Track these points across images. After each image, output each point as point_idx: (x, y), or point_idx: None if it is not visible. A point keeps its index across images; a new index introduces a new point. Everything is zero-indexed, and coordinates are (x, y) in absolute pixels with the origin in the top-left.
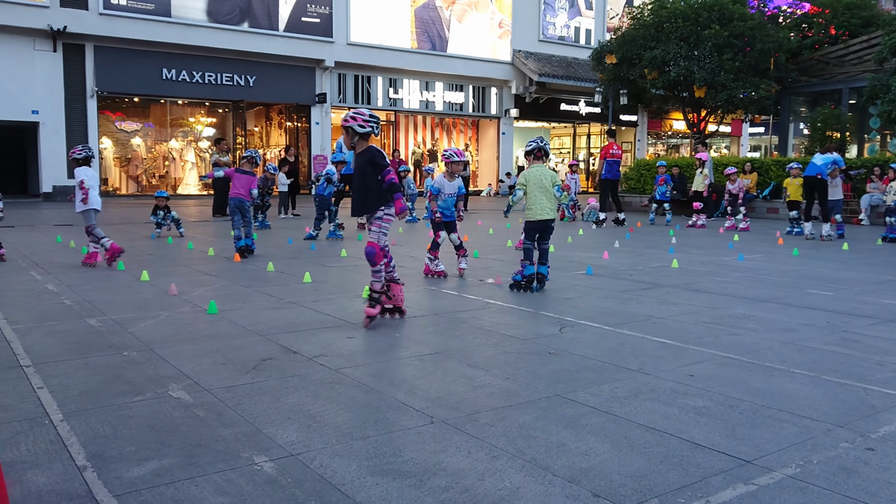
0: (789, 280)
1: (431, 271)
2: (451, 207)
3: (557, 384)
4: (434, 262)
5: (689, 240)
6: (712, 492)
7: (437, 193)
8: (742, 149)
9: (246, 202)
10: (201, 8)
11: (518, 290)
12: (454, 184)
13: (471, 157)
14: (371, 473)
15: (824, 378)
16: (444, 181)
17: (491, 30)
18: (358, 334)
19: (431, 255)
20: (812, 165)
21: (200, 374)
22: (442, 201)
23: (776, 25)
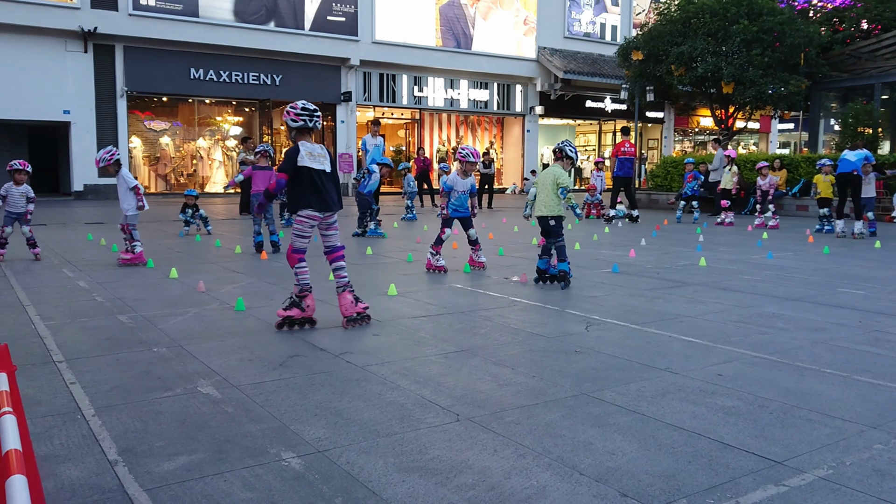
0: (820, 278)
1: (433, 266)
2: (465, 204)
3: (584, 383)
4: (435, 258)
5: (716, 238)
6: (742, 492)
7: (449, 190)
8: (771, 145)
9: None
10: (228, 8)
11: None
12: (467, 182)
13: (495, 155)
14: (397, 470)
15: (856, 378)
16: (458, 179)
17: (516, 27)
18: (384, 332)
19: (433, 251)
20: (845, 162)
21: (228, 370)
22: (455, 199)
23: (806, 20)
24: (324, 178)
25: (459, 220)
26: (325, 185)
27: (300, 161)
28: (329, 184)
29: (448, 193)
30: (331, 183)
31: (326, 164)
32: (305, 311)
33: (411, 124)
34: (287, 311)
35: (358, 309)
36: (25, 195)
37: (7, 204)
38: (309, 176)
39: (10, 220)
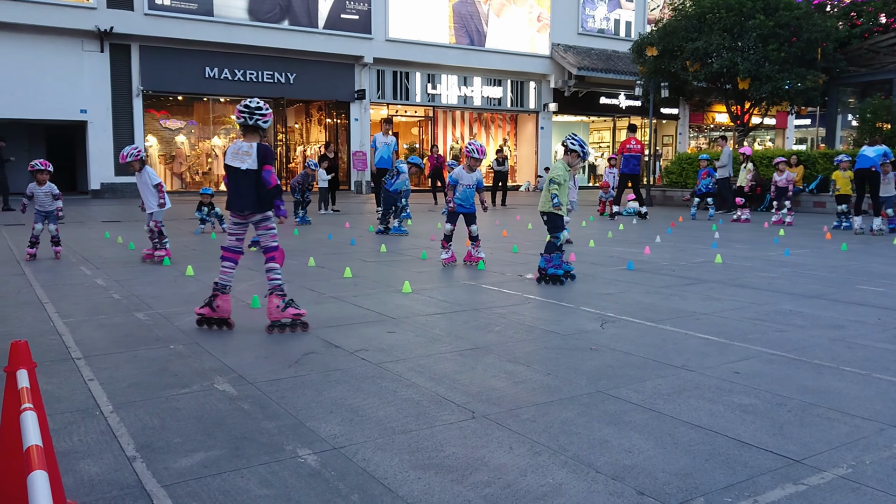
0: (838, 276)
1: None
2: (470, 199)
3: (599, 380)
4: (445, 251)
5: (732, 235)
6: (760, 491)
7: (454, 184)
8: (787, 141)
9: None
10: (243, 7)
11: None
12: (472, 176)
13: (509, 153)
14: (413, 468)
15: (876, 376)
16: (463, 172)
17: (529, 24)
18: (399, 329)
19: (443, 246)
20: (864, 158)
21: (244, 367)
22: (460, 193)
23: (823, 14)
24: (239, 176)
25: (463, 215)
26: (238, 183)
27: (225, 160)
28: (244, 182)
29: (454, 187)
30: (247, 181)
31: (249, 161)
32: (216, 311)
33: (425, 122)
34: (200, 309)
35: (287, 315)
36: (51, 193)
37: (35, 203)
38: (230, 174)
39: (41, 218)
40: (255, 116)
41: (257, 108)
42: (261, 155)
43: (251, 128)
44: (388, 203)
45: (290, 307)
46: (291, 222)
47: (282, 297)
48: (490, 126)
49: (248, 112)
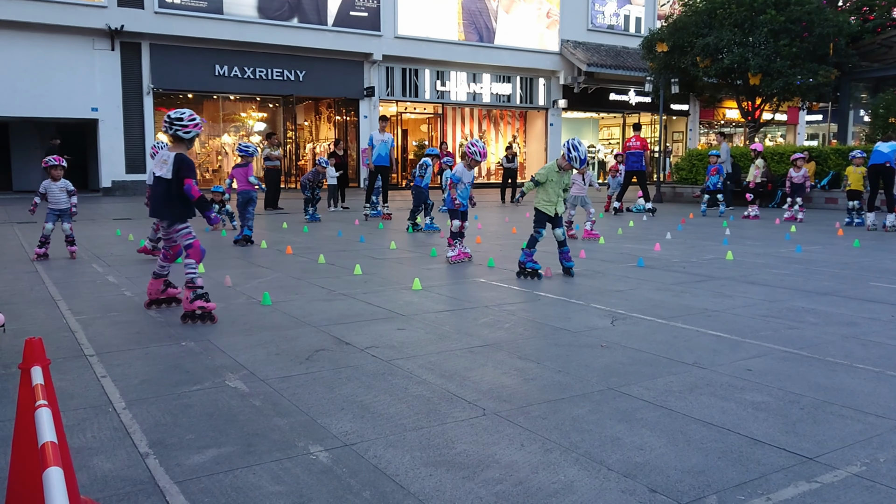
0: (851, 272)
1: (463, 254)
2: (467, 197)
3: (610, 377)
4: (461, 247)
5: (743, 231)
6: (773, 489)
7: (457, 182)
8: (799, 137)
9: (252, 193)
10: (252, 4)
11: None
12: (471, 174)
13: (518, 150)
14: (424, 464)
15: (889, 374)
16: (464, 170)
17: (538, 20)
18: (409, 326)
19: (451, 243)
20: (878, 153)
21: (256, 364)
22: (461, 190)
23: (835, 9)
24: (154, 184)
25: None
26: (154, 189)
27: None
28: (157, 189)
29: (455, 185)
30: (160, 188)
31: (164, 170)
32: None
33: (434, 119)
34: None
35: (193, 307)
36: (65, 189)
37: (49, 201)
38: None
39: (54, 217)
40: (174, 127)
41: (178, 118)
42: (176, 166)
43: (174, 137)
44: (419, 200)
45: (199, 300)
46: (302, 219)
47: (192, 290)
48: (499, 123)
49: (168, 122)
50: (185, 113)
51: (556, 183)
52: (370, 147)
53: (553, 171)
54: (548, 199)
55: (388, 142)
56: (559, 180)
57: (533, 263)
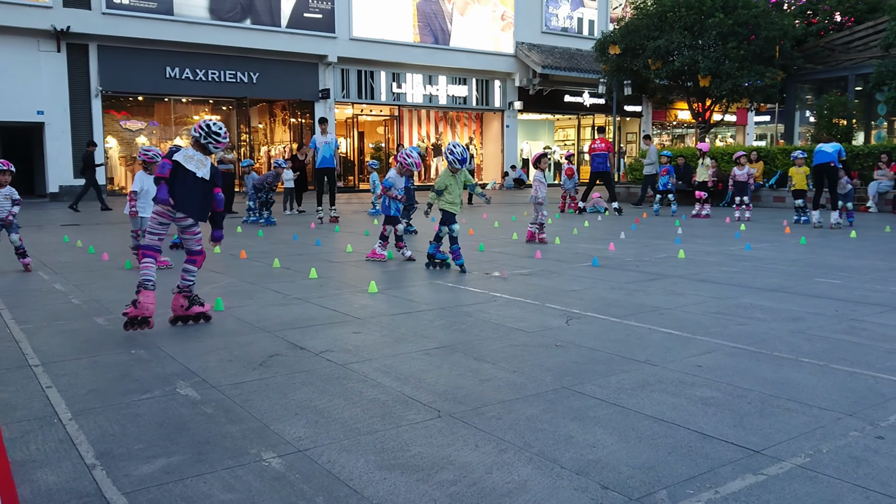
0: (797, 269)
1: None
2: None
3: (564, 376)
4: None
5: (694, 230)
6: (721, 482)
7: (389, 187)
8: (748, 138)
9: None
10: (203, 5)
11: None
12: (403, 179)
13: (475, 151)
14: (379, 468)
15: (833, 367)
16: (397, 176)
17: (493, 22)
18: (364, 329)
19: (398, 248)
20: (822, 153)
21: (208, 371)
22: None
23: (781, 13)
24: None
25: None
26: (192, 187)
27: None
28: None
29: (389, 189)
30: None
31: (204, 171)
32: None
33: (390, 121)
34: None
35: (191, 312)
36: (10, 197)
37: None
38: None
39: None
40: (210, 139)
41: (216, 133)
42: (213, 174)
43: (202, 146)
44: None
45: (194, 305)
46: (257, 224)
47: (188, 298)
48: (456, 125)
49: (204, 131)
50: (223, 130)
51: (455, 185)
52: (313, 150)
53: (448, 177)
54: (451, 200)
55: (331, 143)
56: (456, 182)
57: (442, 254)
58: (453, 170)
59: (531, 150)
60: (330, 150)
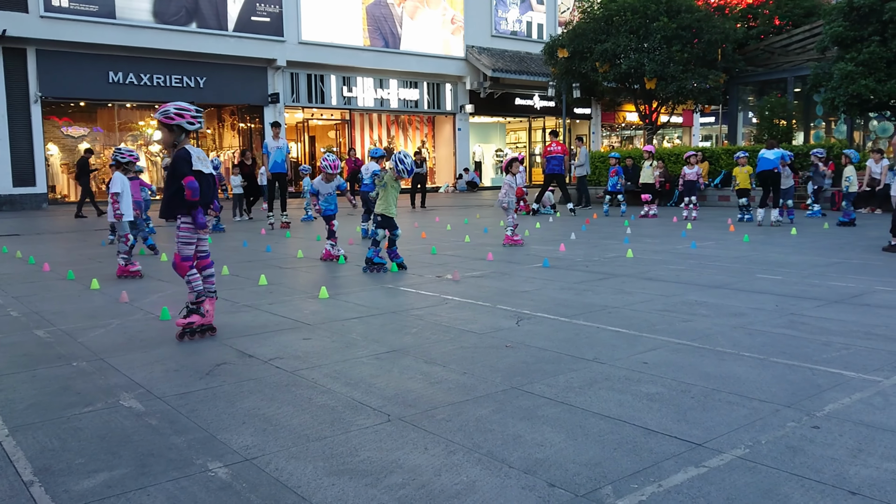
0: (740, 266)
1: (331, 255)
2: (332, 203)
3: (514, 377)
4: (334, 248)
5: (643, 230)
6: (664, 476)
7: (314, 193)
8: (694, 138)
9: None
10: (147, 9)
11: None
12: (331, 185)
13: (427, 154)
14: (327, 474)
15: (772, 360)
16: (322, 183)
17: (443, 26)
18: (315, 335)
19: (332, 242)
20: (765, 161)
21: (153, 381)
22: (322, 200)
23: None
24: (209, 180)
25: (324, 217)
26: (209, 188)
27: (194, 165)
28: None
29: (315, 194)
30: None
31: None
32: (205, 316)
33: (341, 125)
34: (187, 319)
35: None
36: None
37: None
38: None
39: None
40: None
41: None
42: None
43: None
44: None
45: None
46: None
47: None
48: (408, 128)
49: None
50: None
51: (395, 189)
52: (266, 155)
53: (391, 179)
54: (389, 202)
55: (283, 148)
56: (396, 187)
57: (381, 259)
58: (398, 177)
59: (483, 152)
60: (282, 155)
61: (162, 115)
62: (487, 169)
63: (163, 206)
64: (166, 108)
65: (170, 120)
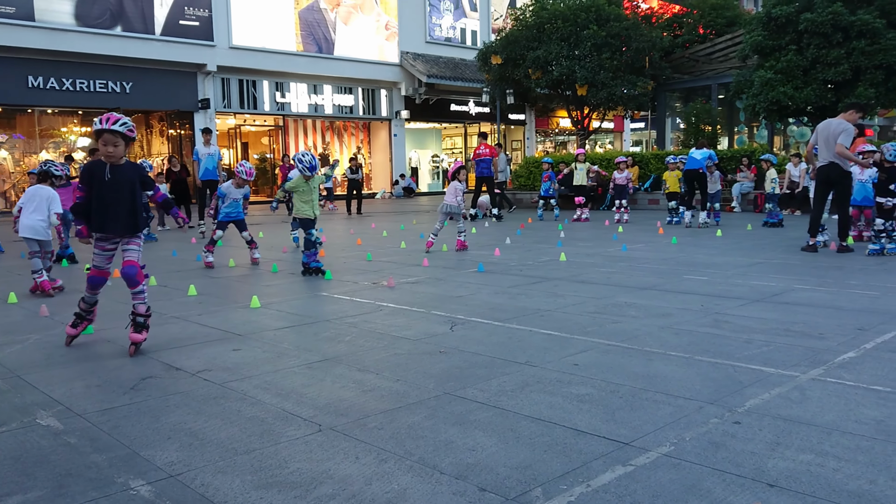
0: (668, 267)
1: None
2: (238, 208)
3: (447, 382)
4: (206, 255)
5: (576, 233)
6: (593, 476)
7: (222, 196)
8: (625, 144)
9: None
10: (68, 11)
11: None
12: (240, 191)
13: (363, 161)
14: (255, 487)
15: (697, 358)
16: (232, 188)
17: (377, 31)
18: (245, 346)
19: (206, 250)
20: (693, 160)
21: (73, 398)
22: (227, 204)
23: (650, 25)
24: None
25: (234, 223)
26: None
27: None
28: None
29: (221, 199)
30: None
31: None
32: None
33: (275, 131)
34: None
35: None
36: None
37: None
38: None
39: None
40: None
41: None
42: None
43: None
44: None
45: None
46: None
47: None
48: (343, 134)
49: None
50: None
51: (307, 191)
52: (196, 162)
53: (301, 182)
54: (304, 201)
55: (214, 155)
56: (308, 188)
57: (316, 263)
58: (306, 177)
59: (420, 158)
60: (213, 163)
61: (125, 128)
62: (424, 175)
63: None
64: (125, 121)
65: (132, 133)
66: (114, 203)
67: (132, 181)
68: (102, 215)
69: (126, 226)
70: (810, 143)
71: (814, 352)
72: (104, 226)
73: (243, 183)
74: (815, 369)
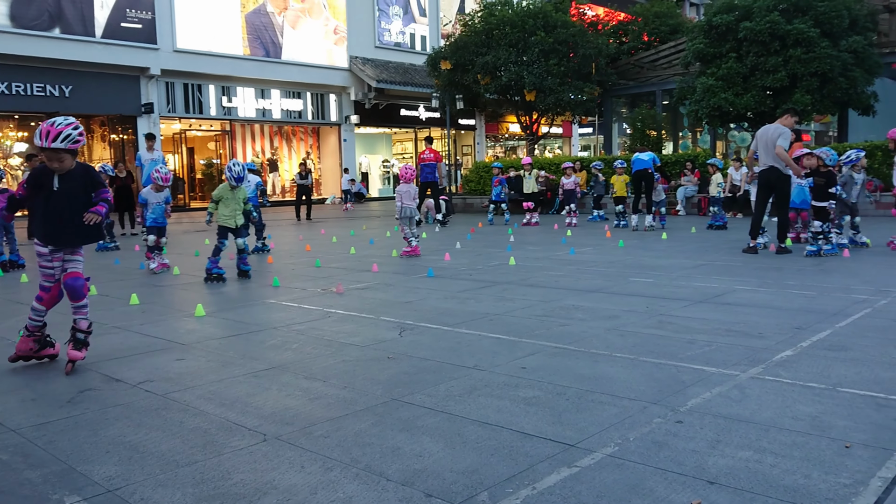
0: (615, 270)
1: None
2: (162, 214)
3: (395, 388)
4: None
5: (525, 237)
6: (539, 478)
7: (143, 202)
8: (573, 148)
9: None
10: (2, 12)
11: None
12: (160, 195)
13: (312, 166)
14: (197, 500)
15: (642, 359)
16: (151, 193)
17: (326, 36)
18: (189, 355)
19: (148, 258)
20: (639, 161)
21: (6, 413)
22: (151, 210)
23: (596, 32)
24: None
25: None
26: None
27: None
28: None
29: (143, 205)
30: None
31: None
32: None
33: (222, 136)
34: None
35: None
36: None
37: None
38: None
39: None
40: None
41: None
42: None
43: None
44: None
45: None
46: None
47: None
48: (292, 139)
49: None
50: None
51: (231, 200)
52: (139, 168)
53: (226, 190)
54: (228, 214)
55: (158, 160)
56: (233, 197)
57: (218, 269)
58: (232, 186)
59: (370, 163)
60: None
61: (68, 142)
62: (374, 180)
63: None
64: (66, 133)
65: (75, 146)
66: (64, 213)
67: (84, 187)
68: (52, 226)
69: (79, 236)
70: (751, 149)
71: (753, 351)
72: (54, 238)
73: (161, 188)
74: (755, 368)
